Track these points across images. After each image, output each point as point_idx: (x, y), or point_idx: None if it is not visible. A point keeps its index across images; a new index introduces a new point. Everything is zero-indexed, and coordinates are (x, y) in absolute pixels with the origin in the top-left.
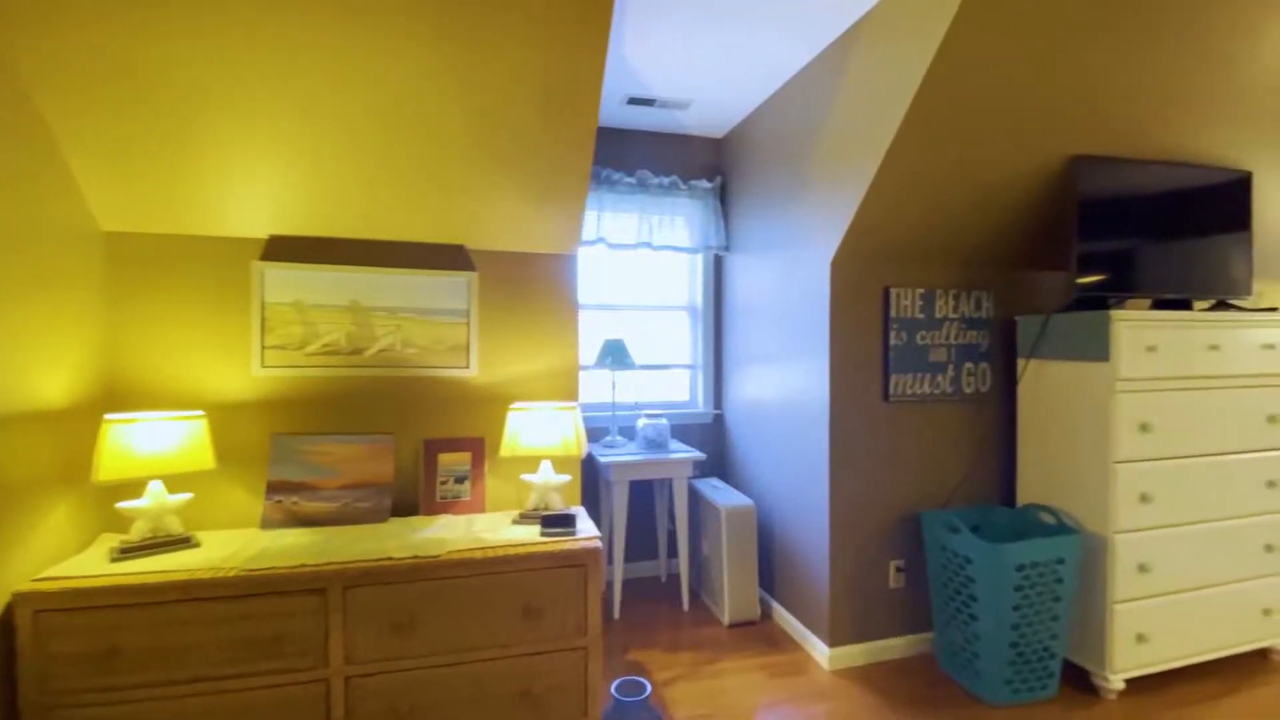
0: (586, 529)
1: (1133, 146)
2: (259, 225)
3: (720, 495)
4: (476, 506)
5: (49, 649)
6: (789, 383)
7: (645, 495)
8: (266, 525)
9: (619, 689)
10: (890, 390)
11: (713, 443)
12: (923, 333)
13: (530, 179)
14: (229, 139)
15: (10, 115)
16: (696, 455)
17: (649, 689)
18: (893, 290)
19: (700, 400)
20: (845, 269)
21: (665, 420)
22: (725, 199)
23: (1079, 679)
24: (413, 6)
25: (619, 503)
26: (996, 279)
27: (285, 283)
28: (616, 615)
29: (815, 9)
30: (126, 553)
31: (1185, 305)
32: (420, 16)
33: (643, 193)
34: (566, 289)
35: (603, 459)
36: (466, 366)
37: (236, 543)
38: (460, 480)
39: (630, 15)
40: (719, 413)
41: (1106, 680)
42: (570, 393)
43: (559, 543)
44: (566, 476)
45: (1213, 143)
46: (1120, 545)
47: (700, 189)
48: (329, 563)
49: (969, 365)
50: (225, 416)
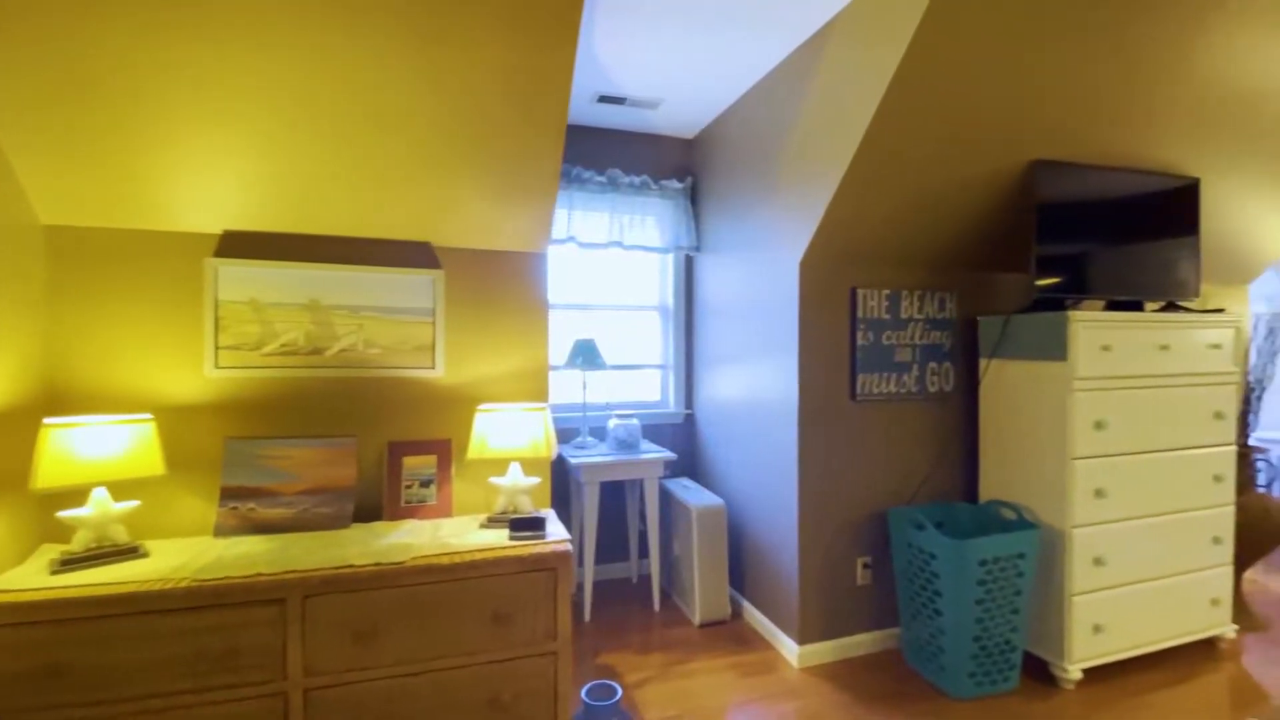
0: (556, 532)
1: (1089, 152)
2: (212, 220)
3: (691, 495)
4: (443, 511)
5: None
6: (759, 382)
7: (616, 496)
8: (220, 533)
9: (589, 693)
10: (857, 390)
11: (684, 443)
12: (889, 333)
13: (499, 175)
14: (179, 129)
15: None
16: (668, 455)
17: (619, 692)
18: (860, 291)
19: (671, 400)
20: (814, 270)
21: (636, 420)
22: (696, 199)
23: (1039, 670)
24: None
25: (590, 504)
26: (960, 280)
27: (240, 280)
28: (587, 618)
29: (785, 10)
30: (68, 564)
31: (1137, 306)
32: (384, 7)
33: (613, 192)
34: (536, 288)
35: (573, 460)
36: (432, 367)
37: (188, 552)
38: (426, 484)
39: (601, 12)
40: (690, 413)
41: (1065, 671)
42: (540, 393)
43: (528, 546)
44: (536, 479)
45: (1163, 150)
46: (1077, 539)
47: (671, 189)
48: (287, 571)
49: (933, 365)
50: (176, 420)
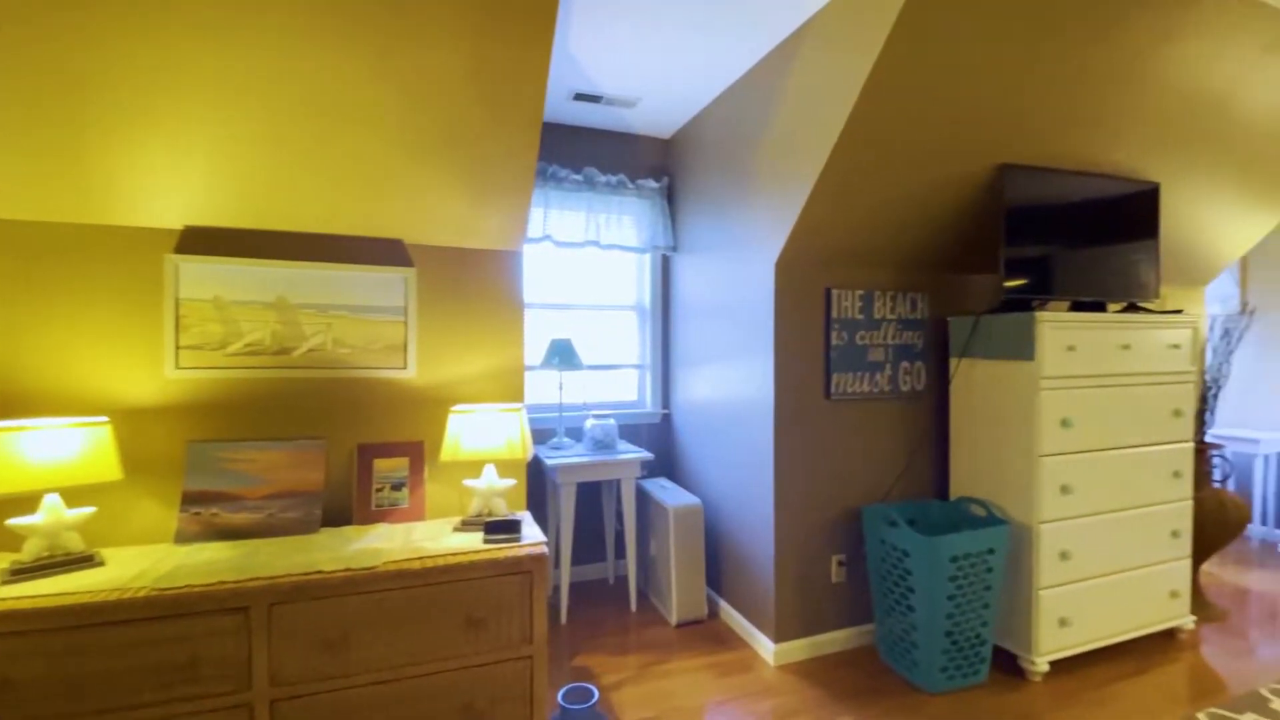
0: (532, 534)
1: (1055, 157)
2: (172, 215)
3: (668, 495)
4: (415, 514)
5: None
6: (735, 382)
7: (593, 496)
8: (182, 539)
9: (566, 696)
10: (832, 389)
11: (661, 443)
12: (862, 333)
13: (472, 172)
14: (136, 121)
15: None
16: (645, 455)
17: (596, 695)
18: (834, 291)
19: (648, 400)
20: (789, 270)
21: (613, 420)
22: (673, 199)
23: (1007, 663)
24: None
25: (566, 505)
26: (932, 281)
27: (203, 277)
28: (564, 620)
29: (761, 10)
30: (18, 574)
31: (1100, 307)
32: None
33: (590, 191)
34: (511, 287)
35: (549, 461)
36: (404, 367)
37: (147, 560)
38: (397, 487)
39: (577, 8)
40: (667, 412)
41: (1032, 663)
42: (515, 394)
43: (503, 550)
44: (511, 480)
45: (1126, 155)
46: (1044, 534)
47: (648, 189)
48: (252, 578)
49: (905, 364)
50: (134, 422)
